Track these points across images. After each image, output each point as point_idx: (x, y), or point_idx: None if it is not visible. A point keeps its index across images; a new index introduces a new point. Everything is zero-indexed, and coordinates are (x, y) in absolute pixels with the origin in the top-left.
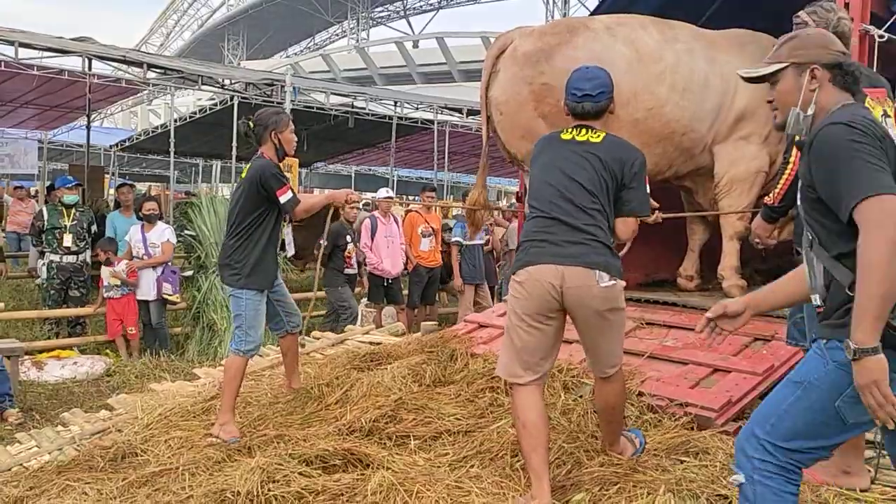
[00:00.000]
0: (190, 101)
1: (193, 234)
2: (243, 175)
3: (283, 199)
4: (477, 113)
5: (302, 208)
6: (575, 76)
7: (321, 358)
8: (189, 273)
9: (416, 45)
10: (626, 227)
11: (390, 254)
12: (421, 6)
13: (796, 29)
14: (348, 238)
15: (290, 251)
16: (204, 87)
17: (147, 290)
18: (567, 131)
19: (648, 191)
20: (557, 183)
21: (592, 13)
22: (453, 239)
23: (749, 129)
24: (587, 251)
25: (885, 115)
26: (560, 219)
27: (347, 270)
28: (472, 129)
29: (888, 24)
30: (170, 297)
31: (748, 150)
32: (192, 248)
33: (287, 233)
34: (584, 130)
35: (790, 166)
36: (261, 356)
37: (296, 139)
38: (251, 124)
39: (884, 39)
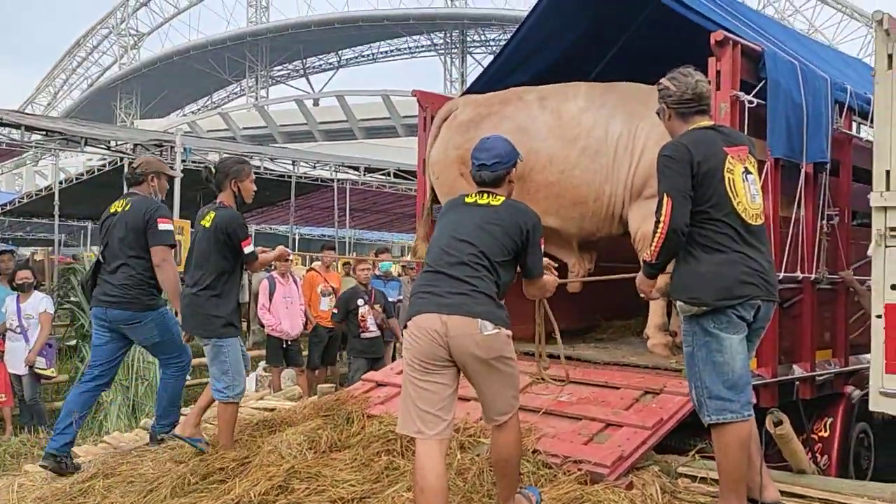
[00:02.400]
0: (79, 162)
1: (77, 300)
2: (205, 223)
3: (247, 250)
4: (376, 170)
5: (259, 261)
6: (476, 146)
7: (212, 427)
8: (72, 342)
9: (316, 104)
10: (536, 286)
11: (289, 314)
12: (321, 65)
13: (661, 94)
14: (359, 301)
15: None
16: (88, 149)
17: (19, 365)
18: (471, 195)
19: (542, 251)
20: (448, 240)
21: (468, 90)
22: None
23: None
24: (468, 301)
25: (746, 171)
26: (444, 272)
27: (364, 335)
28: (372, 187)
29: (756, 89)
30: (43, 372)
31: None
32: (75, 316)
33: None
34: (485, 195)
35: (661, 225)
36: (145, 430)
37: (254, 188)
38: (213, 170)
39: (753, 105)
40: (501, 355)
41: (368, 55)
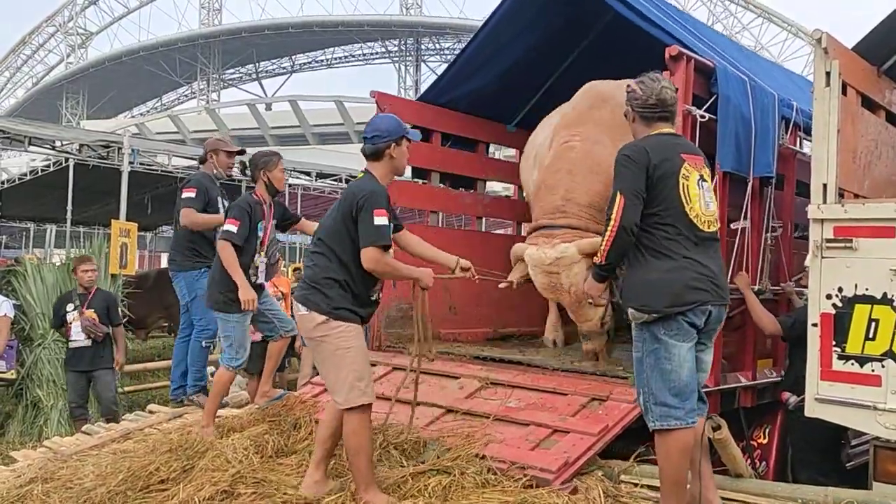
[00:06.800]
0: (23, 162)
1: (17, 303)
2: None
3: (224, 227)
4: (327, 176)
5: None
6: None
7: (156, 434)
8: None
9: (269, 108)
10: (364, 258)
11: None
12: (274, 69)
13: (628, 97)
14: (69, 307)
15: (261, 279)
16: (32, 149)
17: None
18: None
19: (379, 223)
20: None
21: (422, 96)
22: None
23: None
24: (300, 287)
25: (702, 178)
26: None
27: (71, 343)
28: (324, 192)
29: (708, 103)
30: (3, 375)
31: None
32: (15, 319)
33: (261, 261)
34: (362, 174)
35: (612, 223)
36: (88, 434)
37: (285, 178)
38: (247, 164)
39: (705, 119)
40: (311, 336)
41: (322, 61)
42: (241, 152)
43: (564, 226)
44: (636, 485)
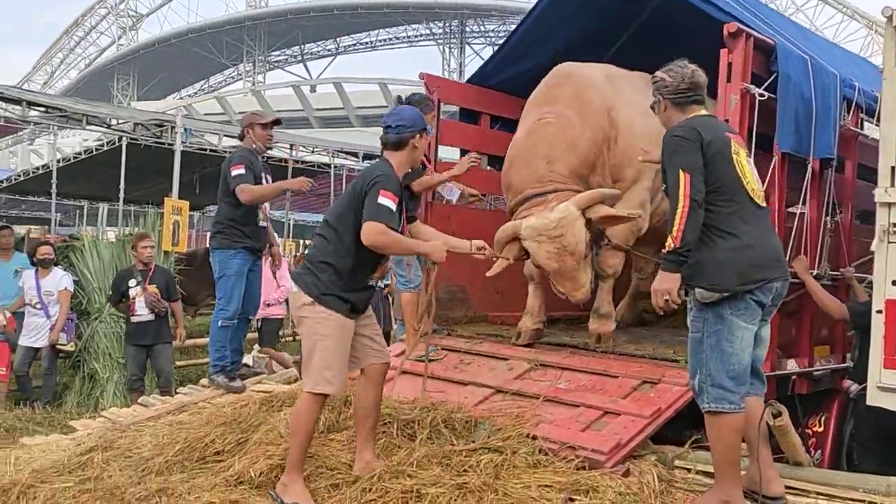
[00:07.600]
0: (76, 142)
1: (75, 278)
2: None
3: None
4: (373, 157)
5: None
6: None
7: (210, 408)
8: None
9: (313, 90)
10: (363, 232)
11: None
12: (318, 51)
13: (656, 86)
14: (131, 283)
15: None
16: (89, 127)
17: (39, 338)
18: None
19: (383, 203)
20: None
21: (472, 78)
22: None
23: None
24: (300, 268)
25: (748, 155)
26: None
27: (134, 318)
28: None
29: (767, 82)
30: (64, 347)
31: None
32: (73, 294)
33: None
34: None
35: (682, 199)
36: (144, 406)
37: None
38: (402, 100)
39: (764, 98)
40: (297, 314)
41: (367, 43)
42: (277, 122)
43: (553, 191)
44: (690, 471)
